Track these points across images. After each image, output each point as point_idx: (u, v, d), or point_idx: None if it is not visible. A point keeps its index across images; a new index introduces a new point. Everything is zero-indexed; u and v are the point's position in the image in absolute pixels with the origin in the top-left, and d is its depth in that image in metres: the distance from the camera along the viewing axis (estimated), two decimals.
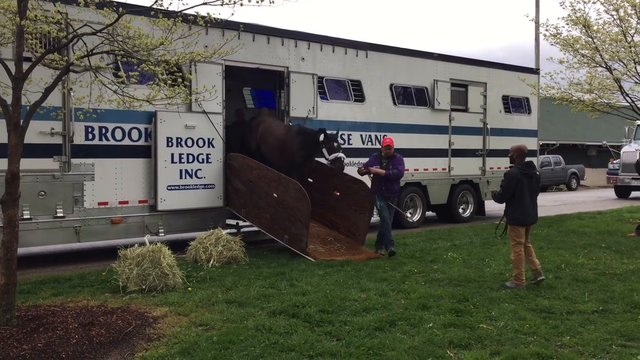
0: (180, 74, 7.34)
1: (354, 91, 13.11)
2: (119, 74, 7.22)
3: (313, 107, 12.18)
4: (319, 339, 5.62)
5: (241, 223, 11.15)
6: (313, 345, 5.42)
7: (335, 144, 10.41)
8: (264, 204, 10.26)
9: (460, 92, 15.35)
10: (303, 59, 12.11)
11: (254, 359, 5.11)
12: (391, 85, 13.80)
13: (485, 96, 15.79)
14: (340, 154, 10.37)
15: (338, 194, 11.06)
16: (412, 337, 5.72)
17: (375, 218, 10.95)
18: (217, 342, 5.45)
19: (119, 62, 8.62)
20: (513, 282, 7.79)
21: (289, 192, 9.83)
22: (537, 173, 8.16)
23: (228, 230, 10.58)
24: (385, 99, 13.69)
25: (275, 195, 10.06)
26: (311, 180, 11.19)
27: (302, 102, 12.01)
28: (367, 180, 10.55)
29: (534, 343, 5.56)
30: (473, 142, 15.62)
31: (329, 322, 6.15)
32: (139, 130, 10.08)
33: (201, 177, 10.67)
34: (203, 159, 10.71)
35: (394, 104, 13.88)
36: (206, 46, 9.77)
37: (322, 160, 10.90)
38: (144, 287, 7.32)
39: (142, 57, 6.78)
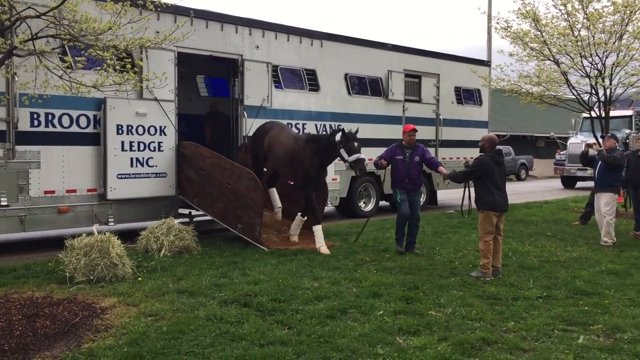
0: (130, 60, 7.15)
1: (309, 80, 13.09)
2: (65, 58, 7.00)
3: (267, 96, 12.11)
4: (270, 328, 5.63)
5: (194, 212, 11.06)
6: (264, 334, 5.43)
7: (356, 144, 9.27)
8: (217, 193, 10.18)
9: (413, 83, 15.52)
10: (257, 47, 12.01)
11: (204, 349, 5.07)
12: (346, 75, 13.84)
13: (438, 87, 16.01)
14: (362, 155, 9.25)
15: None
16: (363, 325, 5.79)
17: (329, 208, 11.00)
18: (167, 332, 5.40)
19: (66, 47, 8.36)
20: (480, 271, 7.86)
21: (243, 181, 9.78)
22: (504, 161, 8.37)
23: (180, 220, 10.46)
24: (340, 88, 13.73)
25: (228, 184, 9.98)
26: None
27: (256, 90, 11.92)
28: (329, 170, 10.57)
29: (480, 328, 5.70)
30: (426, 132, 15.81)
31: (280, 311, 6.17)
32: (88, 117, 9.82)
33: (153, 166, 10.49)
34: (155, 147, 10.52)
35: (349, 93, 13.92)
36: (158, 32, 9.54)
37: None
38: (92, 277, 7.17)
39: (90, 41, 6.59)
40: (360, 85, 14.34)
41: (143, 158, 10.36)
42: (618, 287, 7.31)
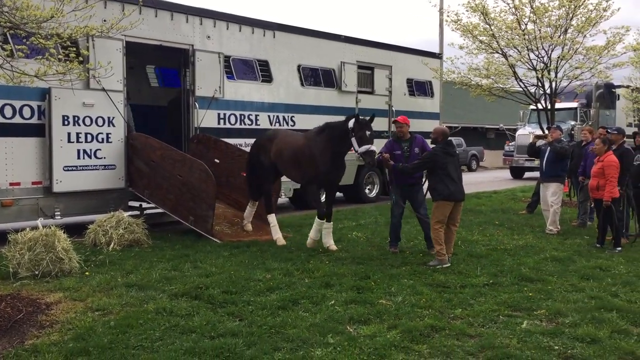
0: (75, 49, 6.96)
1: (262, 71, 13.01)
2: (6, 47, 6.76)
3: (220, 87, 11.98)
4: (221, 320, 5.60)
5: (145, 205, 10.87)
6: (215, 326, 5.40)
7: (368, 133, 8.27)
8: (168, 185, 10.03)
9: (366, 75, 15.62)
10: (209, 37, 11.85)
11: (153, 343, 5.01)
12: (299, 66, 13.82)
13: (390, 79, 16.16)
14: (373, 147, 8.26)
15: (245, 174, 10.98)
16: (314, 315, 5.82)
17: (282, 199, 10.98)
18: (115, 327, 5.30)
19: (7, 35, 8.07)
20: (436, 259, 7.94)
21: (194, 173, 9.67)
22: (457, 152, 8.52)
23: (130, 213, 10.28)
24: (293, 80, 13.70)
25: (179, 176, 9.85)
26: (217, 161, 11.04)
27: (208, 81, 11.77)
28: None
29: (429, 316, 5.81)
30: (379, 124, 15.92)
31: (232, 303, 6.14)
32: (32, 108, 9.50)
33: (101, 158, 10.25)
34: (103, 139, 10.28)
35: (302, 85, 13.91)
36: (104, 20, 9.31)
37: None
38: (36, 272, 6.97)
39: (32, 29, 6.37)
40: (313, 76, 14.34)
41: (91, 150, 10.11)
42: (561, 274, 7.55)
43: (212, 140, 11.30)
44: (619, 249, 9.01)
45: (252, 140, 12.56)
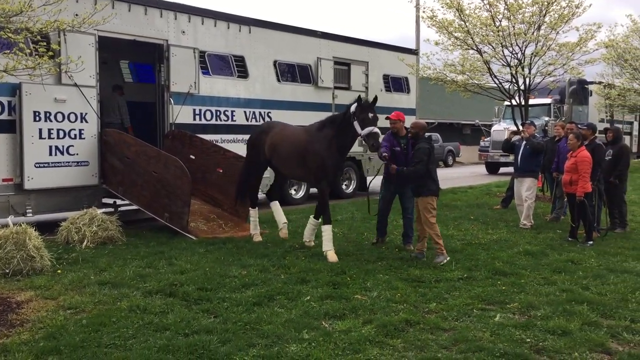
0: (46, 44, 6.83)
1: (237, 67, 12.94)
2: None
3: (195, 82, 11.87)
4: (196, 317, 5.57)
5: (119, 202, 10.73)
6: (189, 323, 5.36)
7: (371, 115, 7.92)
8: (143, 181, 9.92)
9: (343, 71, 15.61)
10: (183, 32, 11.74)
11: (126, 340, 4.96)
12: (275, 61, 13.76)
13: (367, 75, 16.18)
14: (376, 129, 7.87)
15: (221, 170, 10.93)
16: (290, 311, 5.82)
17: (259, 195, 10.90)
18: (87, 325, 5.24)
19: None
20: (441, 254, 7.97)
21: (169, 169, 9.58)
22: None
23: (104, 210, 10.14)
24: (269, 75, 13.64)
25: (154, 172, 9.75)
26: (193, 157, 10.96)
27: (183, 76, 11.66)
28: None
29: (403, 310, 5.85)
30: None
31: (207, 300, 6.11)
32: (2, 104, 9.31)
33: (74, 154, 10.09)
34: (75, 135, 10.12)
35: (278, 80, 13.86)
36: (76, 15, 9.19)
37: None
38: (7, 271, 6.85)
39: (0, 23, 6.25)
40: (289, 72, 14.30)
41: (63, 146, 9.95)
42: (534, 267, 7.66)
43: (187, 137, 11.21)
44: (591, 242, 9.15)
45: (228, 137, 12.62)
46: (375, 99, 8.18)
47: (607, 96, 24.90)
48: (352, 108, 8.07)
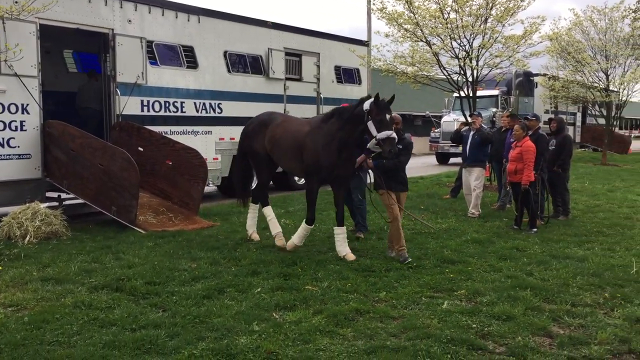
0: None
1: (187, 57, 12.69)
2: None
3: (142, 73, 11.59)
4: (144, 312, 5.47)
5: (64, 195, 10.43)
6: (136, 318, 5.26)
7: (389, 117, 7.15)
8: (89, 174, 9.65)
9: (294, 62, 15.55)
10: (130, 21, 11.43)
11: (70, 337, 4.83)
12: (225, 52, 13.58)
13: (318, 66, 16.16)
14: (394, 133, 7.16)
15: (171, 163, 10.74)
16: (240, 303, 5.78)
17: (210, 188, 10.79)
18: (29, 323, 5.08)
19: None
20: (403, 253, 7.54)
21: (116, 162, 9.36)
22: None
23: (48, 204, 9.83)
24: (219, 66, 13.45)
25: (100, 165, 9.50)
26: (141, 149, 10.73)
27: (129, 66, 11.36)
28: (200, 147, 10.36)
29: (354, 300, 5.89)
30: (308, 111, 15.94)
31: (155, 294, 6.01)
32: None
33: (14, 147, 9.71)
34: (16, 127, 9.74)
35: (229, 71, 13.68)
36: (16, 2, 8.85)
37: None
38: None
39: None
40: (240, 63, 14.13)
41: (3, 138, 9.56)
42: (480, 255, 7.84)
43: (135, 128, 10.96)
44: (535, 230, 9.44)
45: (177, 128, 12.39)
46: (393, 98, 7.37)
47: (551, 88, 25.66)
48: (367, 105, 7.21)
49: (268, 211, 8.66)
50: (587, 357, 4.59)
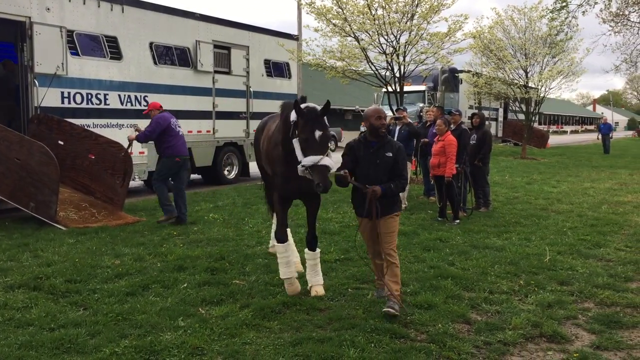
0: None
1: (110, 48, 12.32)
2: None
3: (62, 64, 11.16)
4: (63, 310, 5.30)
5: None
6: (55, 317, 5.09)
7: (318, 135, 5.17)
8: (5, 169, 9.20)
9: (223, 55, 15.39)
10: (48, 9, 10.97)
11: None
12: (151, 43, 13.27)
13: (248, 59, 16.06)
14: (327, 159, 5.13)
15: (93, 157, 10.40)
16: (165, 299, 5.69)
17: (137, 182, 10.53)
18: None
19: None
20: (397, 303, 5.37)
21: (34, 156, 8.98)
22: None
23: None
24: (145, 58, 13.12)
25: (17, 159, 9.08)
26: (62, 143, 10.32)
27: (49, 57, 10.91)
28: (125, 141, 10.10)
29: (281, 293, 5.91)
30: (237, 104, 15.85)
31: (76, 292, 5.82)
32: None
33: None
34: None
35: (155, 63, 13.39)
36: None
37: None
38: None
39: None
40: (167, 55, 13.86)
41: None
42: (406, 246, 8.04)
43: (55, 121, 10.53)
44: (458, 221, 9.78)
45: (101, 121, 12.02)
46: (327, 105, 5.37)
47: (475, 84, 26.58)
48: (293, 115, 5.39)
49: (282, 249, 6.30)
50: (502, 341, 4.81)
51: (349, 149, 5.58)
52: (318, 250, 6.12)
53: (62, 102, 11.27)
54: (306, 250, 6.12)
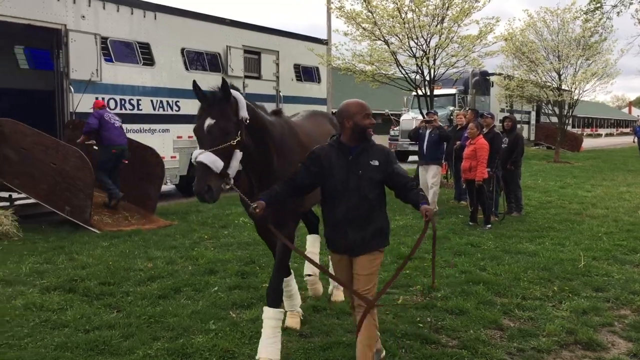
0: None
1: (143, 54, 12.53)
2: None
3: (97, 70, 11.39)
4: (97, 312, 5.39)
5: (15, 195, 10.17)
6: (90, 319, 5.18)
7: (208, 123, 3.98)
8: (40, 173, 9.41)
9: (253, 60, 15.50)
10: (83, 17, 11.21)
11: (21, 340, 4.72)
12: (183, 49, 13.45)
13: (277, 64, 16.15)
14: (207, 153, 3.85)
15: (127, 162, 10.57)
16: (196, 302, 5.75)
17: (169, 187, 10.69)
18: None
19: None
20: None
21: (69, 161, 9.17)
22: None
23: None
24: (176, 63, 13.30)
25: (53, 164, 9.29)
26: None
27: (83, 63, 11.15)
28: (157, 146, 10.26)
29: (311, 297, 5.92)
30: (268, 109, 15.90)
31: (109, 294, 5.92)
32: None
33: None
34: None
35: (187, 69, 13.55)
36: None
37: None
38: None
39: None
40: (198, 60, 14.02)
41: None
42: (437, 251, 7.94)
43: None
44: (489, 226, 9.65)
45: (134, 126, 12.22)
46: (224, 83, 4.17)
47: (506, 87, 26.23)
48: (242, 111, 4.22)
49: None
50: (535, 348, 4.73)
51: (310, 159, 4.10)
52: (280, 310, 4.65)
53: None
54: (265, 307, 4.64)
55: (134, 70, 12.34)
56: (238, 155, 3.99)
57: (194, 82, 4.30)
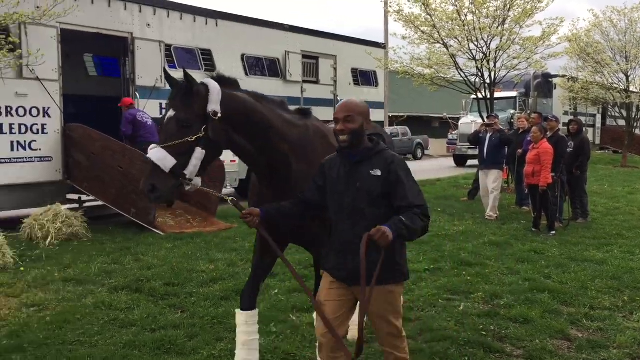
0: (5, 37, 6.68)
1: (205, 61, 12.81)
2: None
3: (161, 76, 11.70)
4: (163, 312, 5.54)
5: (84, 198, 10.59)
6: (156, 319, 5.33)
7: (168, 114, 3.63)
8: (108, 177, 9.79)
9: (311, 64, 15.60)
10: (149, 25, 11.58)
11: (92, 337, 4.91)
12: (243, 55, 13.68)
13: (335, 69, 16.19)
14: (153, 152, 3.47)
15: None
16: (257, 304, 5.80)
17: (228, 190, 10.85)
18: (51, 322, 5.18)
19: None
20: None
21: (135, 165, 9.47)
22: None
23: (69, 206, 9.98)
24: (236, 69, 13.53)
25: (120, 167, 9.63)
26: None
27: (148, 70, 11.50)
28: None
29: None
30: (325, 113, 15.94)
31: (174, 295, 6.08)
32: None
33: (36, 149, 9.89)
34: (38, 130, 9.92)
35: (246, 74, 13.77)
36: (37, 7, 9.00)
37: None
38: None
39: None
40: (257, 65, 14.23)
41: (25, 141, 9.75)
42: (498, 257, 7.80)
43: None
44: (553, 232, 9.37)
45: None
46: (185, 73, 3.74)
47: (570, 89, 25.41)
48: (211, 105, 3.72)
49: None
50: None
51: (319, 170, 3.58)
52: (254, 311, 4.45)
53: (161, 113, 11.82)
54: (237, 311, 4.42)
55: (197, 76, 12.44)
56: (198, 153, 3.50)
57: (165, 69, 3.90)
